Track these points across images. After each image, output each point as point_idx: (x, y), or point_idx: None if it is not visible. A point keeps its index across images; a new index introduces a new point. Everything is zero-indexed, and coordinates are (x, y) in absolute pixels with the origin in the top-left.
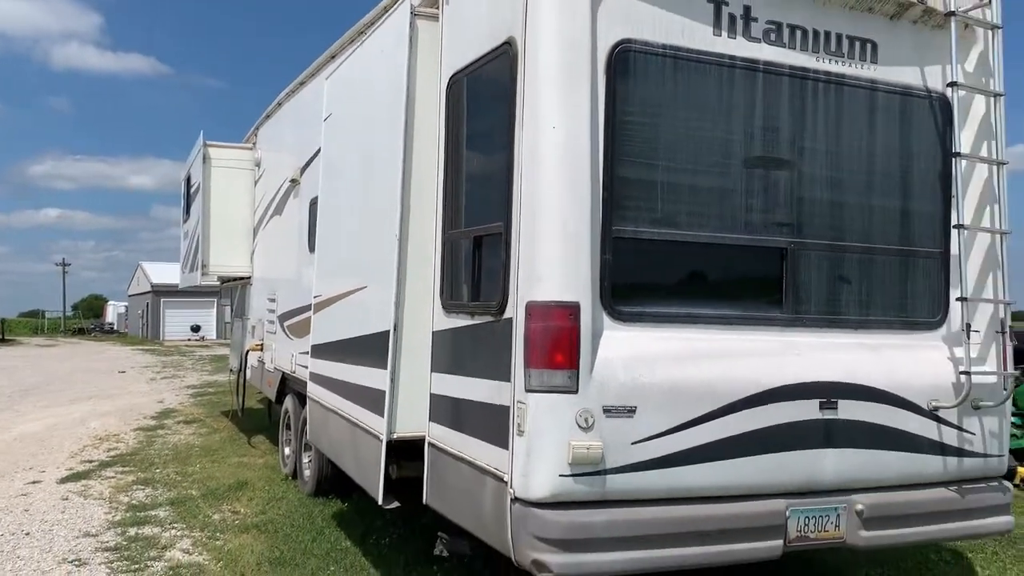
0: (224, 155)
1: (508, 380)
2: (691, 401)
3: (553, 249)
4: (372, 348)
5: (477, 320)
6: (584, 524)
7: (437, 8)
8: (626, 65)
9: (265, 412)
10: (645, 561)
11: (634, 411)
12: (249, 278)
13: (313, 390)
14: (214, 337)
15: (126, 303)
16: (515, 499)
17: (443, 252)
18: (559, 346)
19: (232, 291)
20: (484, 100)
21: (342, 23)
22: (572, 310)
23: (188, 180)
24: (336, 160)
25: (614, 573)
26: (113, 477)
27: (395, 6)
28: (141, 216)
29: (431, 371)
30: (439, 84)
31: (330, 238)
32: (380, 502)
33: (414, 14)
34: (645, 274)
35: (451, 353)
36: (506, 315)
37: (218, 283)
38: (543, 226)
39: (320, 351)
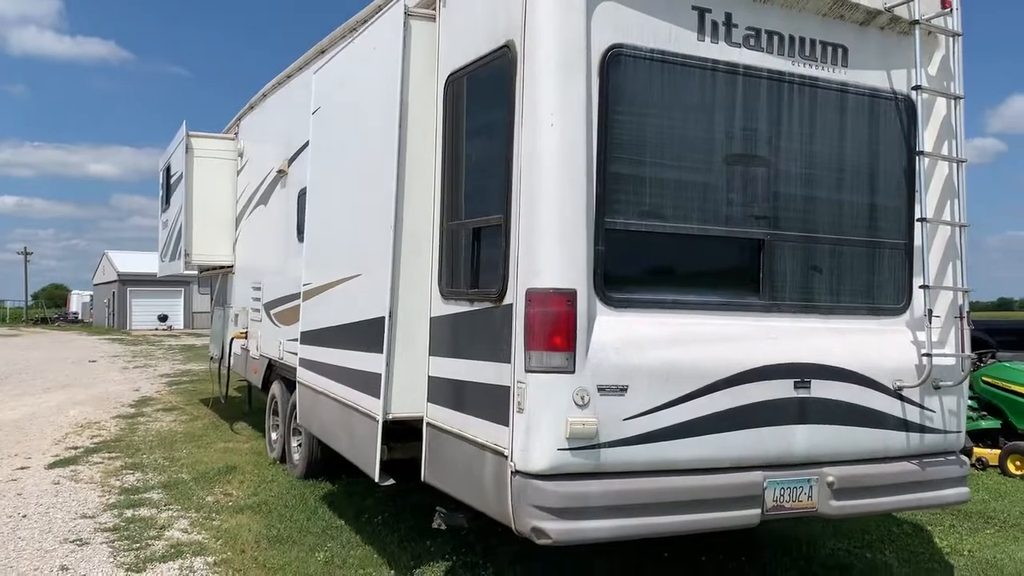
0: (207, 145)
1: (508, 362)
2: (677, 381)
3: (552, 240)
4: (367, 333)
5: (476, 306)
6: (580, 494)
7: (433, 9)
8: (618, 68)
9: (244, 399)
10: (635, 528)
11: (625, 390)
12: (231, 267)
13: (303, 375)
14: (182, 327)
15: (91, 292)
16: (515, 472)
17: (441, 242)
18: (558, 330)
19: (212, 280)
20: (483, 99)
21: (307, 14)
22: (570, 296)
23: (168, 170)
24: (325, 153)
25: (607, 539)
26: (101, 463)
27: (389, 6)
28: (102, 204)
29: (429, 355)
30: (436, 82)
31: (319, 228)
32: (376, 479)
33: (408, 14)
34: (634, 263)
35: (450, 338)
36: (506, 301)
37: (196, 272)
38: (542, 218)
39: (310, 337)
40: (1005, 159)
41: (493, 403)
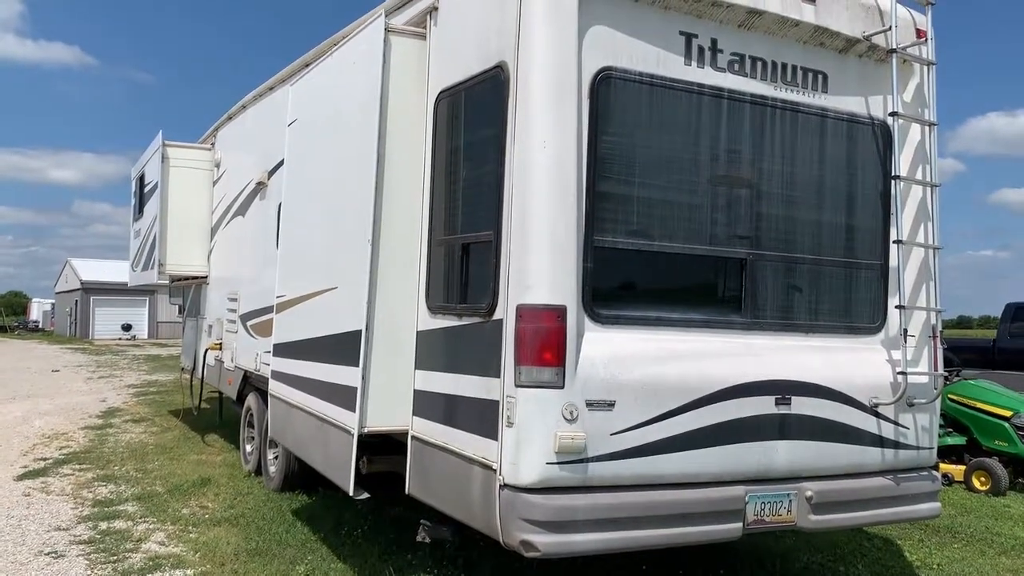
0: (183, 155)
1: (498, 376)
2: (663, 397)
3: (543, 257)
4: (342, 346)
5: (465, 321)
6: (568, 507)
7: (423, 27)
8: (607, 90)
9: (215, 411)
10: (622, 541)
11: (613, 405)
12: (205, 278)
13: (275, 388)
14: (146, 336)
15: (52, 300)
16: (504, 485)
17: (429, 257)
18: (548, 345)
19: (184, 291)
20: (475, 117)
21: (278, 25)
22: (560, 313)
23: (142, 178)
24: (300, 165)
25: (594, 552)
26: (71, 474)
27: (369, 22)
28: (62, 211)
29: (415, 369)
30: (425, 99)
31: (293, 241)
32: (351, 493)
33: (388, 30)
34: (621, 281)
35: (437, 352)
36: (496, 316)
37: (167, 282)
38: (534, 235)
39: (284, 350)
40: (963, 179)
41: (481, 417)
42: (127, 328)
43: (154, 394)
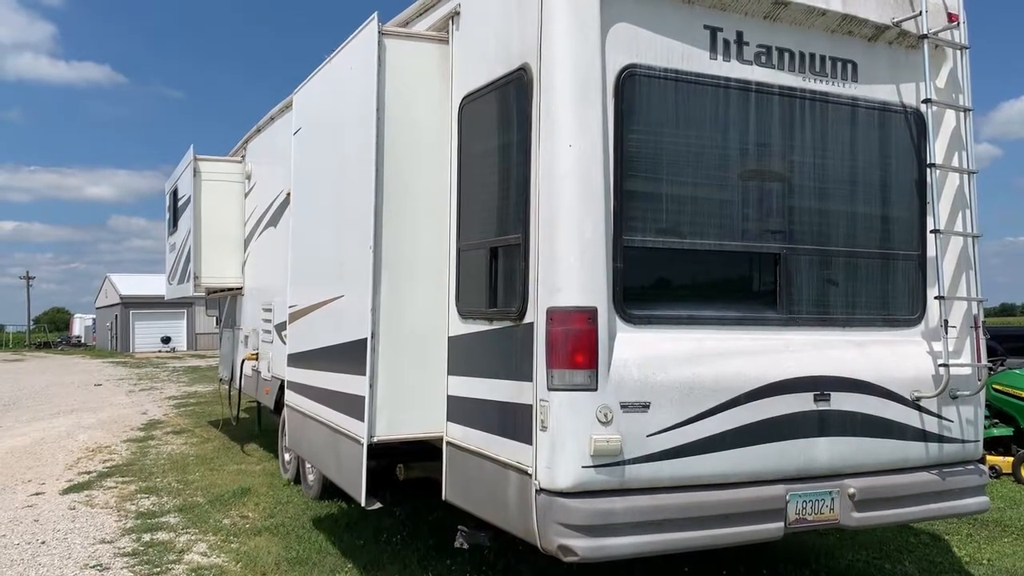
0: (214, 168)
1: (530, 380)
2: (699, 396)
3: (571, 258)
4: (350, 355)
5: (496, 325)
6: (606, 511)
7: (445, 32)
8: (632, 88)
9: (254, 421)
10: (661, 543)
11: (648, 406)
12: (240, 289)
13: (291, 398)
14: (184, 348)
15: (93, 315)
16: (540, 490)
17: (458, 262)
18: (579, 348)
19: (220, 302)
20: (499, 120)
21: (299, 36)
22: (590, 314)
23: (175, 193)
24: (306, 173)
25: (633, 555)
26: (115, 487)
27: (362, 27)
28: (100, 227)
29: (448, 374)
30: (450, 104)
31: (303, 250)
32: (363, 503)
33: (382, 33)
34: (652, 280)
35: (469, 357)
36: (526, 320)
37: (204, 294)
38: (562, 237)
39: (297, 360)
40: (1000, 164)
41: (515, 422)
42: (166, 340)
43: (194, 405)
